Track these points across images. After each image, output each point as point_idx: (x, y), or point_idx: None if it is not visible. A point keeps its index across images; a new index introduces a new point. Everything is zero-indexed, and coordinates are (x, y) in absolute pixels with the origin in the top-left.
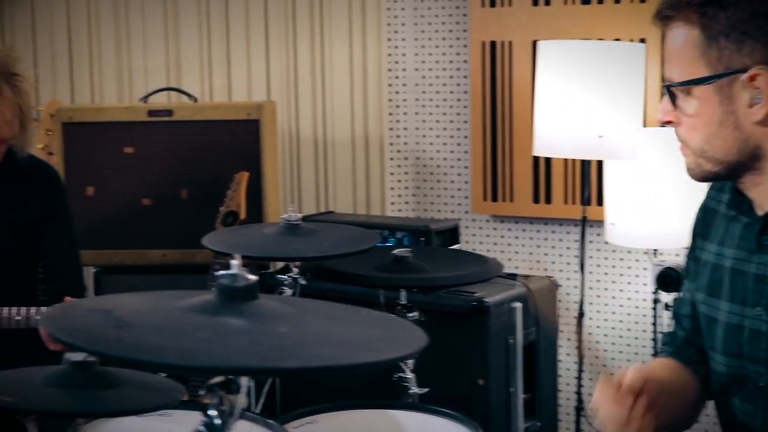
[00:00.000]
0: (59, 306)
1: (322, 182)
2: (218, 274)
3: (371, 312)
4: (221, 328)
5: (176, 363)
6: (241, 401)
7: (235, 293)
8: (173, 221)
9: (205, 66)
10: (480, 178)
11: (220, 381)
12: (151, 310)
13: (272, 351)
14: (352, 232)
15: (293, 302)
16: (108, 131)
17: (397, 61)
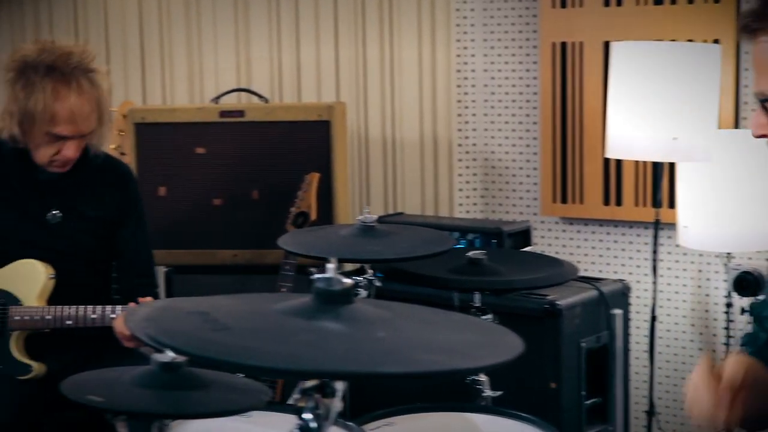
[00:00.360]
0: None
1: (391, 183)
2: (314, 278)
3: (464, 316)
4: (320, 332)
5: (279, 367)
6: (336, 405)
7: (331, 297)
8: (244, 221)
9: (275, 67)
10: (549, 179)
11: (315, 384)
12: (247, 313)
13: (373, 356)
14: (427, 234)
15: (387, 306)
16: (180, 132)
17: (466, 62)
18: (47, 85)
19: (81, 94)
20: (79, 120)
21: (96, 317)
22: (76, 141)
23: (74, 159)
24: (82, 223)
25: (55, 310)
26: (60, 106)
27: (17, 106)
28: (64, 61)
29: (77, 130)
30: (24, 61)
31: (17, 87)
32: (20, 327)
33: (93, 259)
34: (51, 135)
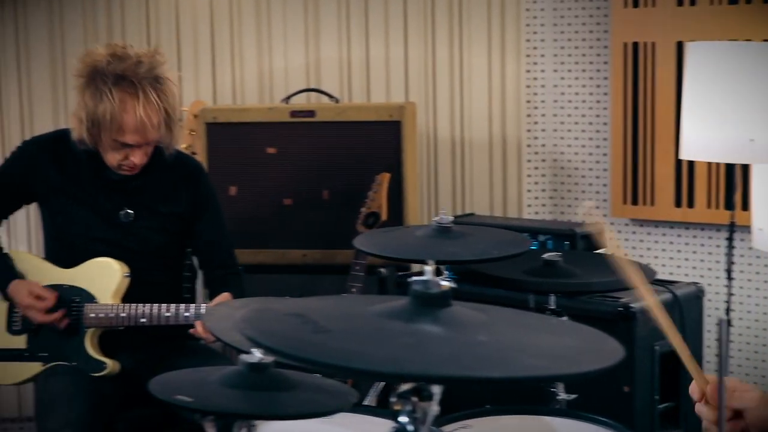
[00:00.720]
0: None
1: (459, 184)
2: (411, 281)
3: (561, 321)
4: (420, 335)
5: (382, 370)
6: (433, 408)
7: (429, 300)
8: (314, 221)
9: (344, 67)
10: (620, 181)
11: (412, 387)
12: (344, 315)
13: (476, 360)
14: (504, 236)
15: (482, 309)
16: (251, 131)
17: (536, 62)
18: (115, 95)
19: (148, 105)
20: (146, 130)
21: (170, 315)
22: (143, 148)
23: (142, 164)
24: (154, 221)
25: (129, 307)
26: (127, 116)
27: (86, 113)
28: (133, 70)
29: (143, 139)
30: (94, 67)
31: (86, 94)
32: (95, 324)
33: (165, 257)
34: (118, 142)
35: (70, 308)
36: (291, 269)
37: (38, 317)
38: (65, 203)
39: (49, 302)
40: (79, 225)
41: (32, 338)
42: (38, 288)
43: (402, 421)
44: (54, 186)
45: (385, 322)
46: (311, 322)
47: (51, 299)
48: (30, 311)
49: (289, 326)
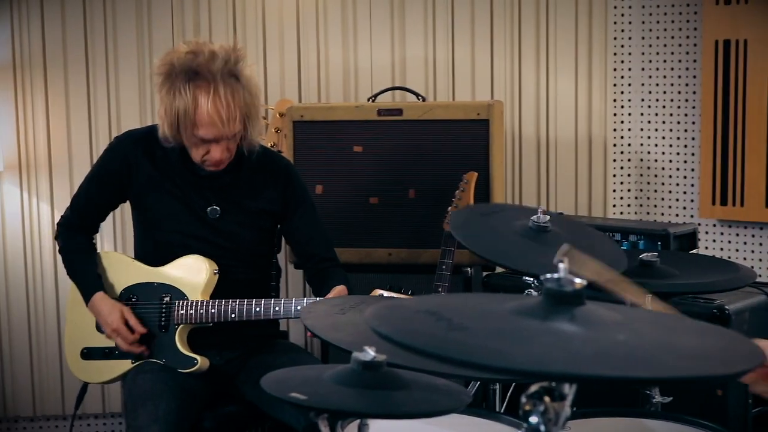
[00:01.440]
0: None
1: (544, 183)
2: (544, 278)
3: (695, 321)
4: (559, 334)
5: (528, 369)
6: (566, 409)
7: (563, 298)
8: (400, 220)
9: (429, 66)
10: (709, 181)
11: (543, 388)
12: (476, 312)
13: (622, 360)
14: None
15: (614, 309)
16: (338, 130)
17: (623, 60)
18: (188, 91)
19: (222, 99)
20: (221, 124)
21: (260, 310)
22: (223, 143)
23: (225, 160)
24: (243, 217)
25: (219, 303)
26: (200, 111)
27: (164, 110)
28: (206, 65)
29: (220, 134)
30: (170, 64)
31: (163, 91)
32: (185, 321)
33: (252, 253)
34: (196, 138)
35: (160, 306)
36: (376, 268)
37: (123, 346)
38: (157, 198)
39: (137, 335)
40: (170, 220)
41: None
42: (131, 317)
43: (533, 422)
44: (147, 180)
45: (520, 320)
46: (445, 319)
47: (138, 332)
48: (116, 337)
49: (423, 324)
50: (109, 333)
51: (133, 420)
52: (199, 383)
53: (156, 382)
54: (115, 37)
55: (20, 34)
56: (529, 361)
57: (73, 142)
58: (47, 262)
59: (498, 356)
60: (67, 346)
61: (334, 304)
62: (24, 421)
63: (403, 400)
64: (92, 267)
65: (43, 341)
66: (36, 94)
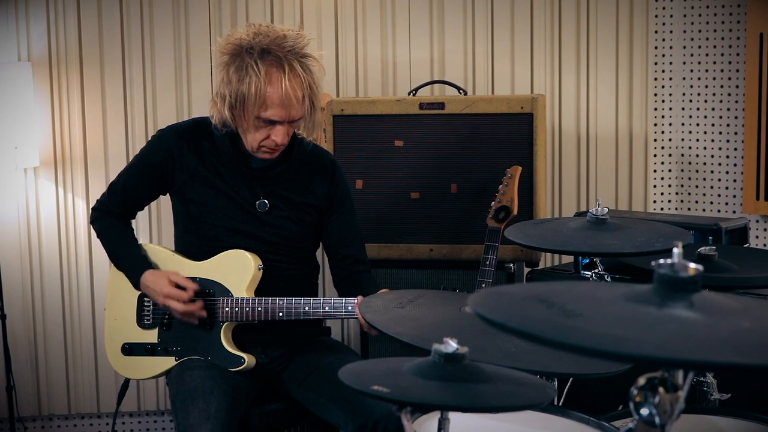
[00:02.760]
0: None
1: (584, 178)
2: (657, 264)
3: None
4: (681, 321)
5: (659, 356)
6: (681, 401)
7: (678, 284)
8: (441, 215)
9: (468, 61)
10: (753, 176)
11: (657, 378)
12: (588, 299)
13: (753, 347)
14: (661, 229)
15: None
16: (379, 124)
17: (664, 54)
18: (261, 68)
19: (293, 79)
20: (290, 105)
21: (309, 309)
22: (285, 126)
23: (283, 145)
24: (289, 211)
25: (266, 302)
26: (272, 89)
27: (229, 89)
28: (279, 44)
29: (287, 115)
30: (239, 44)
31: (231, 69)
32: (230, 318)
33: (298, 248)
34: (261, 119)
35: (205, 302)
36: (417, 264)
37: (179, 308)
38: (202, 191)
39: (191, 292)
40: (215, 214)
41: (164, 332)
42: (178, 277)
43: (644, 414)
44: (193, 173)
45: (635, 306)
46: (557, 306)
47: (191, 289)
48: (170, 301)
49: (535, 311)
50: (163, 301)
51: (184, 418)
52: (245, 380)
53: (205, 379)
54: (151, 32)
55: (56, 30)
56: (657, 348)
57: (109, 138)
58: (82, 258)
59: (622, 343)
60: (108, 342)
61: (391, 298)
62: (59, 419)
63: (488, 393)
64: (136, 249)
65: (78, 339)
66: (72, 89)
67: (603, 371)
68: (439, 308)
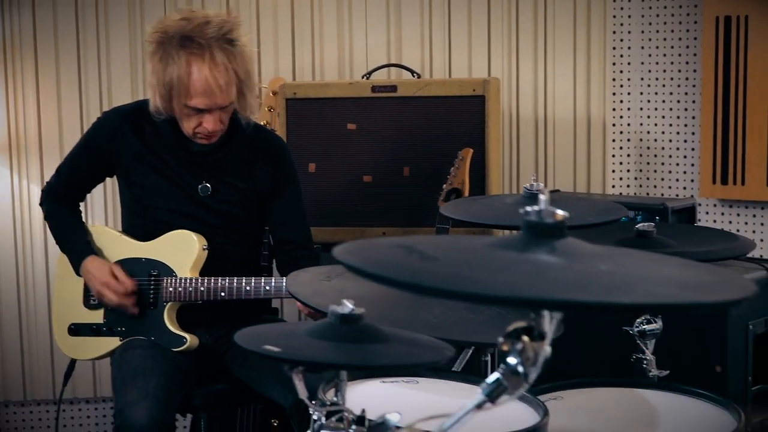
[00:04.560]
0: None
1: (542, 163)
2: (525, 211)
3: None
4: (537, 264)
5: (502, 295)
6: (546, 350)
7: (543, 230)
8: (394, 199)
9: (425, 44)
10: (709, 160)
11: (522, 327)
12: (452, 246)
13: (602, 287)
14: (597, 204)
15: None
16: (331, 107)
17: (622, 39)
18: (182, 57)
19: (216, 66)
20: (215, 92)
21: (250, 289)
22: (215, 114)
23: (218, 131)
24: (232, 195)
25: (209, 281)
26: (194, 78)
27: (156, 79)
28: (200, 31)
29: (213, 103)
30: (164, 31)
31: (155, 59)
32: (174, 298)
33: (243, 231)
34: (189, 108)
35: (149, 282)
36: None
37: (113, 298)
38: (145, 174)
39: (128, 288)
40: (158, 197)
41: (109, 313)
42: (120, 272)
43: (511, 363)
44: (135, 156)
45: (497, 252)
46: (417, 251)
47: (129, 285)
48: (105, 290)
49: (395, 256)
50: (99, 288)
51: (122, 396)
52: (188, 360)
53: (145, 358)
54: (106, 16)
55: (10, 15)
56: (502, 287)
57: (64, 123)
58: (38, 243)
59: (470, 283)
60: (55, 322)
61: (319, 272)
62: (14, 405)
63: (381, 352)
64: (81, 234)
65: (34, 324)
66: (26, 74)
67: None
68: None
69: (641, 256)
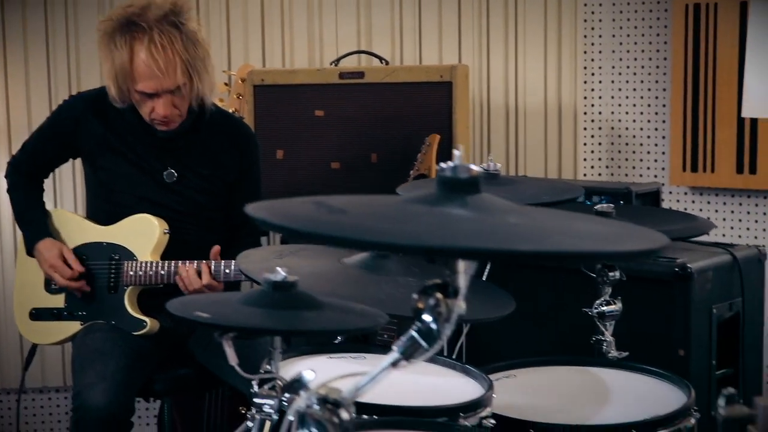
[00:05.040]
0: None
1: (513, 151)
2: (440, 167)
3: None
4: (446, 216)
5: (401, 243)
6: (459, 306)
7: (456, 185)
8: (362, 185)
9: (396, 33)
10: (679, 147)
11: (436, 284)
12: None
13: (507, 236)
14: (554, 184)
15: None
16: (299, 94)
17: (593, 27)
18: (126, 42)
19: (157, 48)
20: (158, 75)
21: None
22: (166, 98)
23: (173, 116)
24: (197, 182)
25: (169, 265)
26: (137, 62)
27: (108, 66)
28: (143, 14)
29: (159, 87)
30: (110, 19)
31: (103, 47)
32: (134, 282)
33: (207, 218)
34: (138, 93)
35: (110, 266)
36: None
37: (60, 281)
38: (110, 159)
39: (75, 272)
40: (123, 182)
41: (70, 297)
42: (70, 255)
43: (426, 320)
44: (100, 141)
45: (408, 206)
46: (327, 206)
47: (77, 270)
48: (53, 272)
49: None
50: (46, 270)
51: (80, 379)
52: (149, 345)
53: (105, 341)
54: (74, 1)
55: None
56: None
57: (33, 109)
58: (6, 231)
59: (373, 232)
60: (17, 307)
61: (272, 250)
62: None
63: (312, 318)
64: (40, 215)
65: (2, 310)
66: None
67: (487, 316)
68: (318, 259)
69: (558, 213)
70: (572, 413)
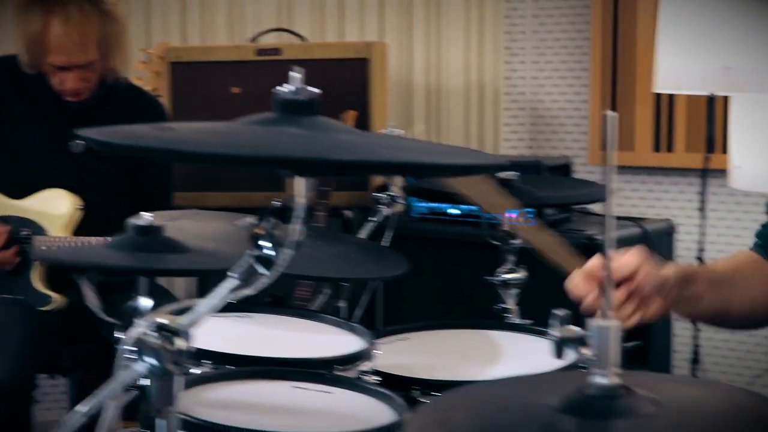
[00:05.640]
0: None
1: (434, 131)
2: (277, 90)
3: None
4: (277, 133)
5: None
6: (294, 231)
7: (295, 107)
8: None
9: (316, 9)
10: (598, 126)
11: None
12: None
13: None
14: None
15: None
16: (216, 71)
17: (516, 7)
18: (38, 14)
19: (71, 23)
20: (71, 50)
21: None
22: (76, 72)
23: (82, 90)
24: (106, 157)
25: (79, 241)
26: (48, 35)
27: (19, 35)
28: None
29: (69, 61)
30: None
31: (18, 15)
32: (44, 257)
33: (118, 192)
34: (49, 65)
35: (20, 240)
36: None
37: None
38: (18, 127)
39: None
40: (32, 151)
41: None
42: None
43: (262, 245)
44: (8, 109)
45: (242, 127)
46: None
47: (3, 235)
48: None
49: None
50: None
51: None
52: (55, 319)
53: (7, 314)
54: None
55: None
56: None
57: None
58: None
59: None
60: None
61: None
62: None
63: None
64: None
65: None
66: None
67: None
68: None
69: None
70: (459, 371)
